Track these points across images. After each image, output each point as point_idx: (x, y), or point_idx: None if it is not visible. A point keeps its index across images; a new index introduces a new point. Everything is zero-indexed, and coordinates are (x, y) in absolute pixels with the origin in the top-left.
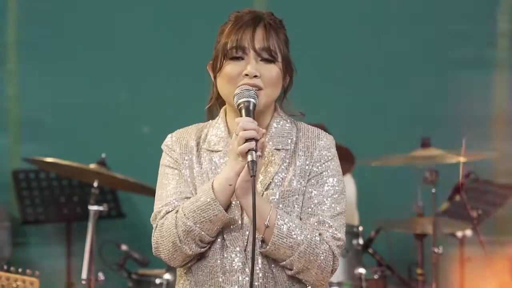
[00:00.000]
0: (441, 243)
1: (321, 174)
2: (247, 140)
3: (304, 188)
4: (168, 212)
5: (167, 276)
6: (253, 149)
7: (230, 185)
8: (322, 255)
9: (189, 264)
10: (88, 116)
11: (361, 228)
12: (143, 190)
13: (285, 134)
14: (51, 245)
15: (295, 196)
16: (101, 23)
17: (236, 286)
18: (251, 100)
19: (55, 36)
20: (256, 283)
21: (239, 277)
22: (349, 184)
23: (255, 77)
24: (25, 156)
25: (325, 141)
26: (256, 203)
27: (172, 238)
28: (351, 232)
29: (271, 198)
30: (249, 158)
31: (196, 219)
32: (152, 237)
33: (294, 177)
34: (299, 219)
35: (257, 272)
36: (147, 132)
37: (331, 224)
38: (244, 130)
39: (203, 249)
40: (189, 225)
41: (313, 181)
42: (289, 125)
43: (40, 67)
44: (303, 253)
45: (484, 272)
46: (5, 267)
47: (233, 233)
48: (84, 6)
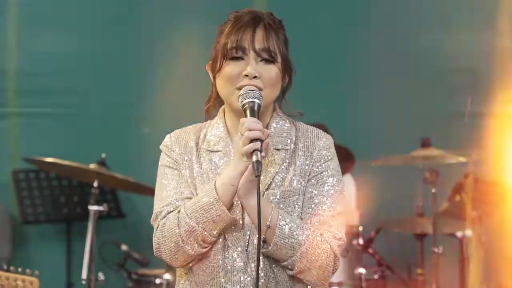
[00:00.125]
0: (441, 243)
1: (321, 174)
2: (252, 141)
3: (304, 188)
4: (169, 212)
5: (167, 276)
6: (258, 149)
7: (233, 185)
8: (324, 255)
9: (190, 264)
10: (88, 116)
11: (361, 228)
12: (143, 190)
13: (284, 134)
14: (51, 245)
15: (296, 196)
16: (101, 23)
17: (238, 286)
18: (255, 101)
19: (54, 36)
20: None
21: (241, 277)
22: (349, 184)
23: (254, 77)
24: (25, 156)
25: (325, 141)
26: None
27: (174, 238)
28: (351, 232)
29: (271, 198)
30: (254, 158)
31: (198, 219)
32: (153, 237)
33: (294, 177)
34: (300, 219)
35: (259, 272)
36: (147, 132)
37: (331, 224)
38: (250, 131)
39: (205, 249)
40: (191, 225)
41: (313, 181)
42: (288, 125)
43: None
44: (304, 253)
45: (484, 272)
46: (4, 266)
47: (234, 233)
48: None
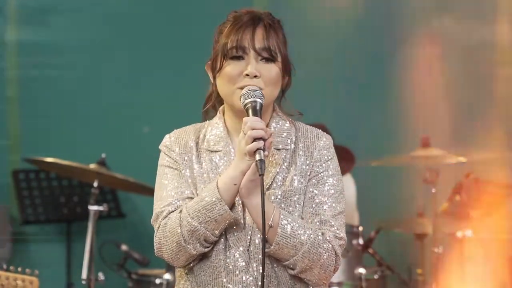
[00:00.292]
0: (441, 243)
1: (322, 174)
2: (255, 140)
3: (305, 187)
4: (170, 212)
5: (167, 276)
6: (261, 148)
7: (235, 184)
8: (325, 254)
9: (191, 264)
10: (88, 116)
11: (361, 228)
12: (143, 190)
13: (284, 134)
14: (51, 245)
15: (297, 196)
16: (101, 23)
17: (240, 286)
18: (257, 100)
19: (53, 36)
20: (259, 283)
21: (243, 277)
22: (349, 184)
23: (255, 77)
24: (25, 156)
25: (325, 141)
26: (261, 203)
27: (176, 238)
28: (351, 232)
29: (272, 198)
30: (257, 157)
31: (201, 219)
32: (154, 237)
33: (295, 177)
34: (301, 218)
35: (260, 272)
36: (147, 132)
37: (332, 223)
38: (253, 130)
39: (207, 249)
40: (194, 225)
41: (313, 180)
42: (288, 125)
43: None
44: (306, 252)
45: (484, 272)
46: (4, 266)
47: (236, 233)
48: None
